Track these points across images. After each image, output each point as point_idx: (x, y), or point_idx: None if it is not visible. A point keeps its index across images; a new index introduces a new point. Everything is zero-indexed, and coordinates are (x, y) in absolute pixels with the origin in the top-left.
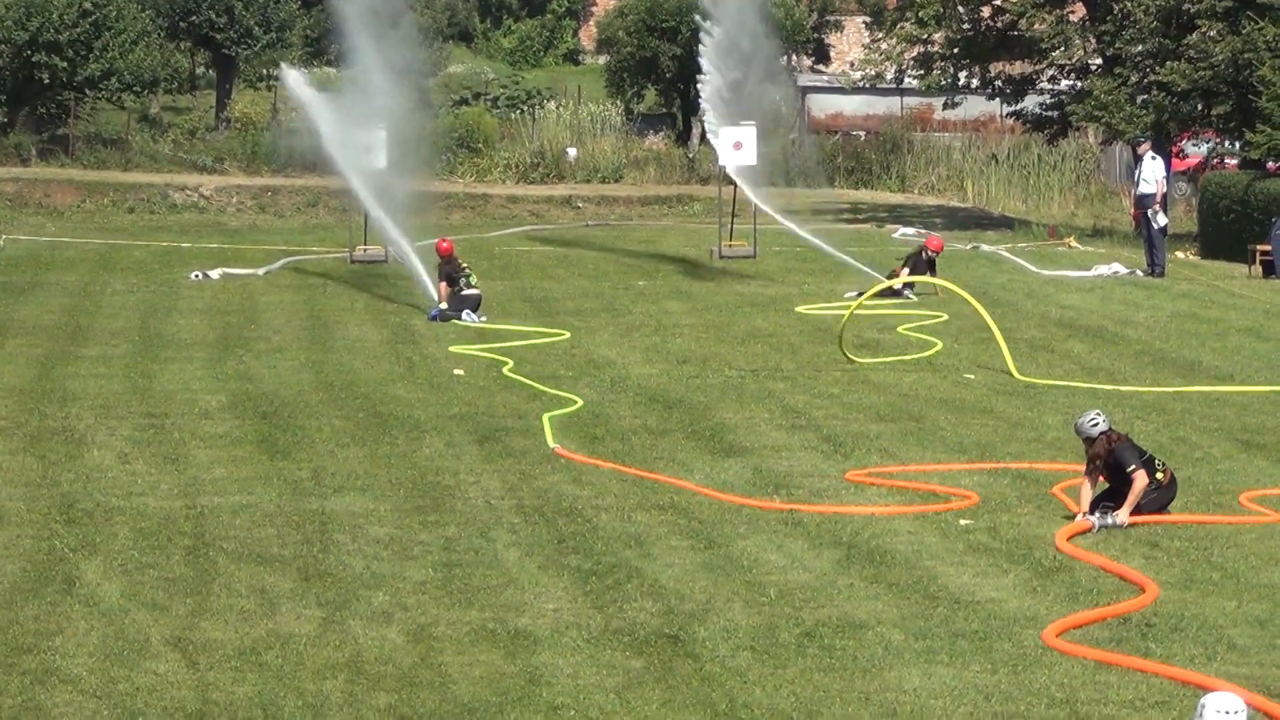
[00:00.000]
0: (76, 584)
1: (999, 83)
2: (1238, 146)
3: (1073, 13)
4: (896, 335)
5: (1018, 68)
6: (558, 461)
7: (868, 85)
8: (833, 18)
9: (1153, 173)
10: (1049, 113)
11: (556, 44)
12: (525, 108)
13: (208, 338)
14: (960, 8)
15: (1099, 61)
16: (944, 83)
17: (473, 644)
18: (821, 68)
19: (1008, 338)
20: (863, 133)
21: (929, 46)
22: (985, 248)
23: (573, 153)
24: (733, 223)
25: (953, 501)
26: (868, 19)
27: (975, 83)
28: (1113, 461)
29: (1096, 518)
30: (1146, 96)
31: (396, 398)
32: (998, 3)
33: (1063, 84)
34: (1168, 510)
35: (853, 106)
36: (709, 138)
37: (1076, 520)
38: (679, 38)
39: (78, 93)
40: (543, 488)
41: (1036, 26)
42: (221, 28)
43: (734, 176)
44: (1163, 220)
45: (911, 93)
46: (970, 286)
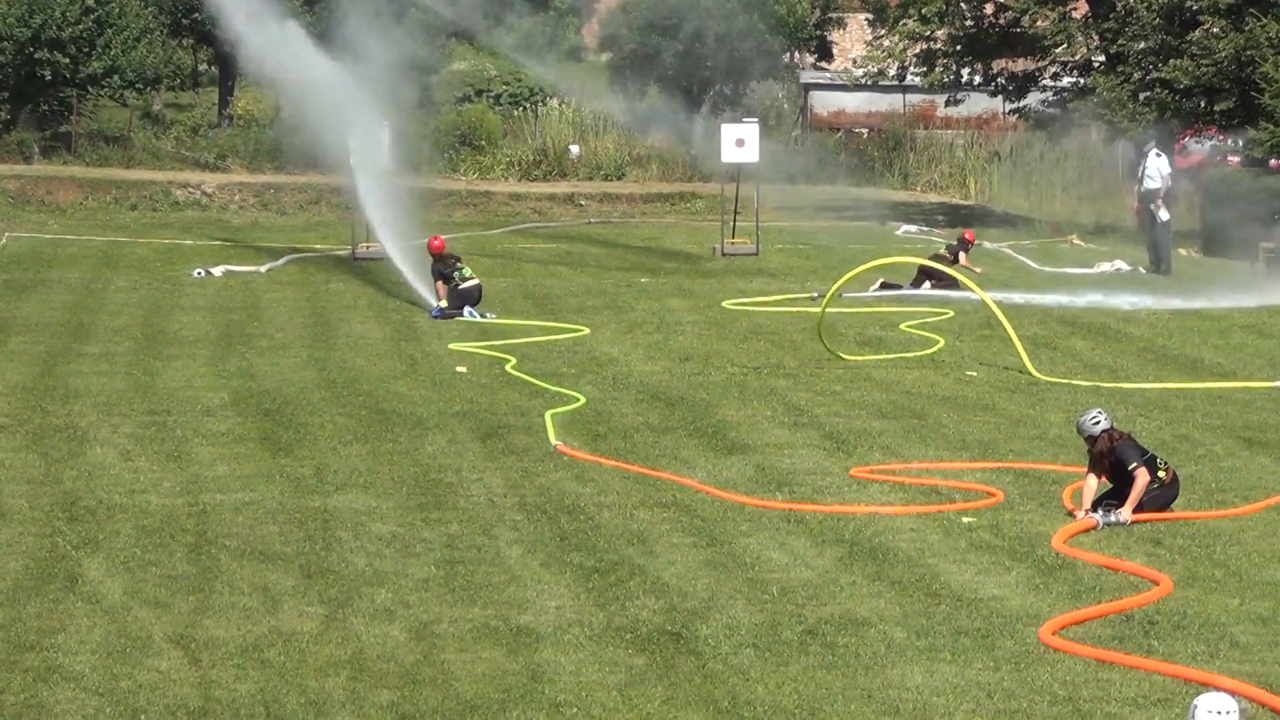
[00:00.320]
0: (79, 581)
1: (1001, 80)
2: (1240, 144)
3: (1075, 10)
4: (899, 332)
5: (1020, 65)
6: (560, 459)
7: (870, 82)
8: (835, 15)
9: (1157, 169)
10: (1051, 110)
11: (559, 41)
12: (528, 105)
13: (210, 335)
14: (963, 5)
15: (1102, 58)
16: (946, 80)
17: (475, 641)
18: (824, 65)
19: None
20: (865, 130)
21: (931, 43)
22: (988, 245)
23: (575, 150)
24: (735, 220)
25: (976, 499)
26: (870, 16)
27: (978, 80)
28: (1114, 460)
29: (1100, 515)
30: (1149, 94)
31: (399, 395)
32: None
33: (1065, 81)
34: (1170, 509)
35: (855, 104)
36: None
37: (1079, 518)
38: (681, 35)
39: (80, 90)
40: (545, 485)
41: (1039, 23)
42: (224, 25)
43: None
44: (1164, 215)
45: (914, 90)
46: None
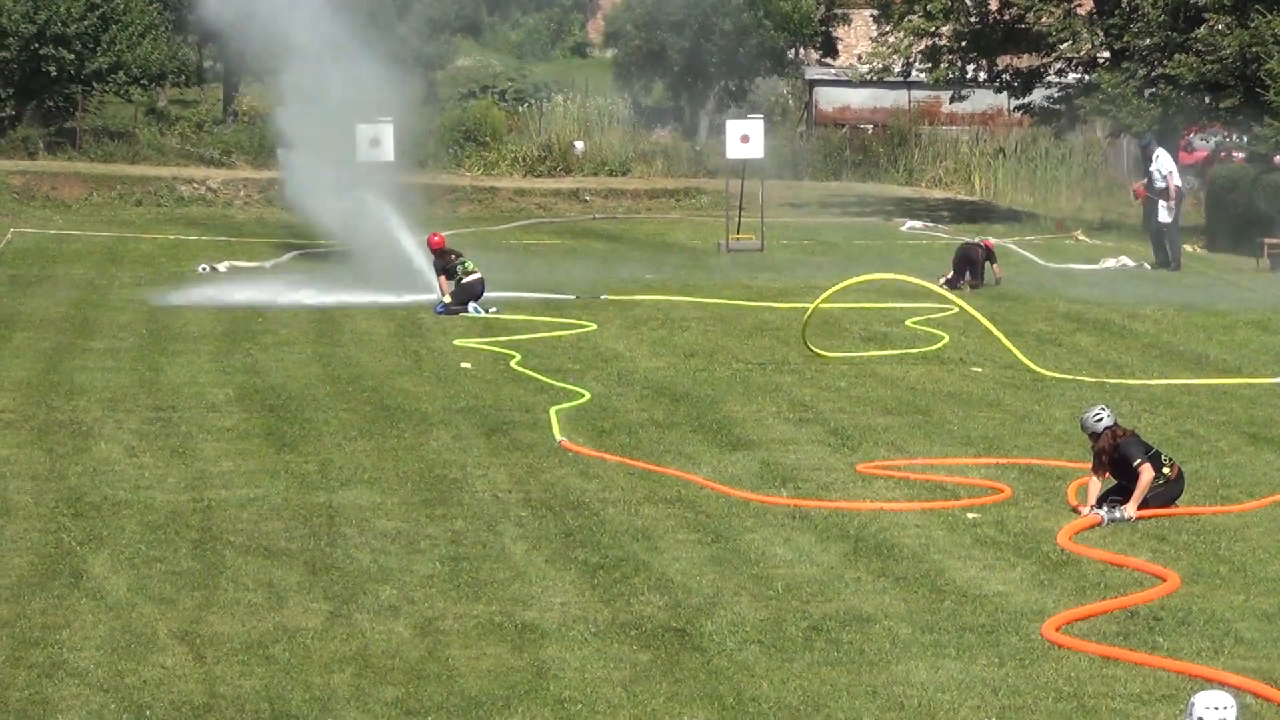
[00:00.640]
0: (84, 577)
1: (1006, 76)
2: (1245, 140)
3: (1080, 6)
4: (904, 329)
5: (1025, 61)
6: (565, 455)
7: (875, 78)
8: (840, 11)
9: (1160, 168)
10: (1056, 106)
11: (564, 37)
12: (533, 101)
13: (215, 331)
14: (968, 1)
15: (1106, 55)
16: (951, 76)
17: (480, 637)
18: (829, 61)
19: (1014, 332)
20: (870, 126)
21: (936, 40)
22: (993, 241)
23: (580, 146)
24: (740, 215)
25: (983, 495)
26: (875, 12)
27: (983, 76)
28: (1118, 457)
29: (1105, 512)
30: (1154, 90)
31: (404, 391)
32: None
33: (1070, 77)
34: (1175, 505)
35: (860, 100)
36: None
37: (1084, 515)
38: (686, 31)
39: (85, 86)
40: (550, 481)
41: (1044, 20)
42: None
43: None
44: (1165, 217)
45: (919, 86)
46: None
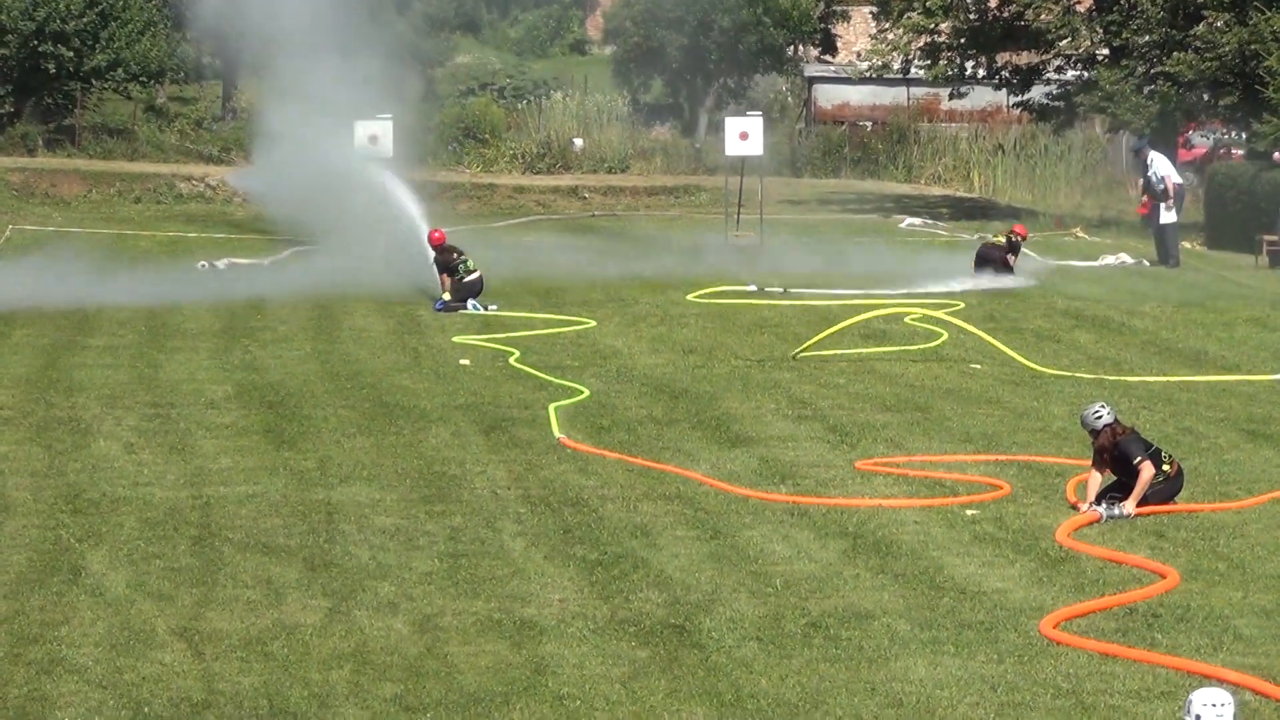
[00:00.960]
0: (82, 574)
1: (1005, 73)
2: (1244, 137)
3: (1079, 3)
4: (903, 326)
5: (1024, 58)
6: (564, 452)
7: (874, 75)
8: (839, 8)
9: (1156, 171)
10: (1055, 103)
11: (563, 34)
12: (531, 98)
13: (214, 328)
14: None
15: (1105, 52)
16: (950, 73)
17: (479, 634)
18: (828, 58)
19: (1014, 328)
20: (869, 123)
21: (936, 36)
22: (991, 238)
23: (579, 143)
24: (739, 212)
25: (982, 492)
26: (874, 9)
27: (982, 73)
28: (1118, 454)
29: (1104, 508)
30: (1153, 87)
31: (402, 388)
32: None
33: (1069, 74)
34: (1174, 502)
35: (859, 97)
36: None
37: (1083, 511)
38: (685, 28)
39: (84, 83)
40: (549, 478)
41: (1043, 17)
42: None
43: None
44: (1172, 216)
45: (918, 83)
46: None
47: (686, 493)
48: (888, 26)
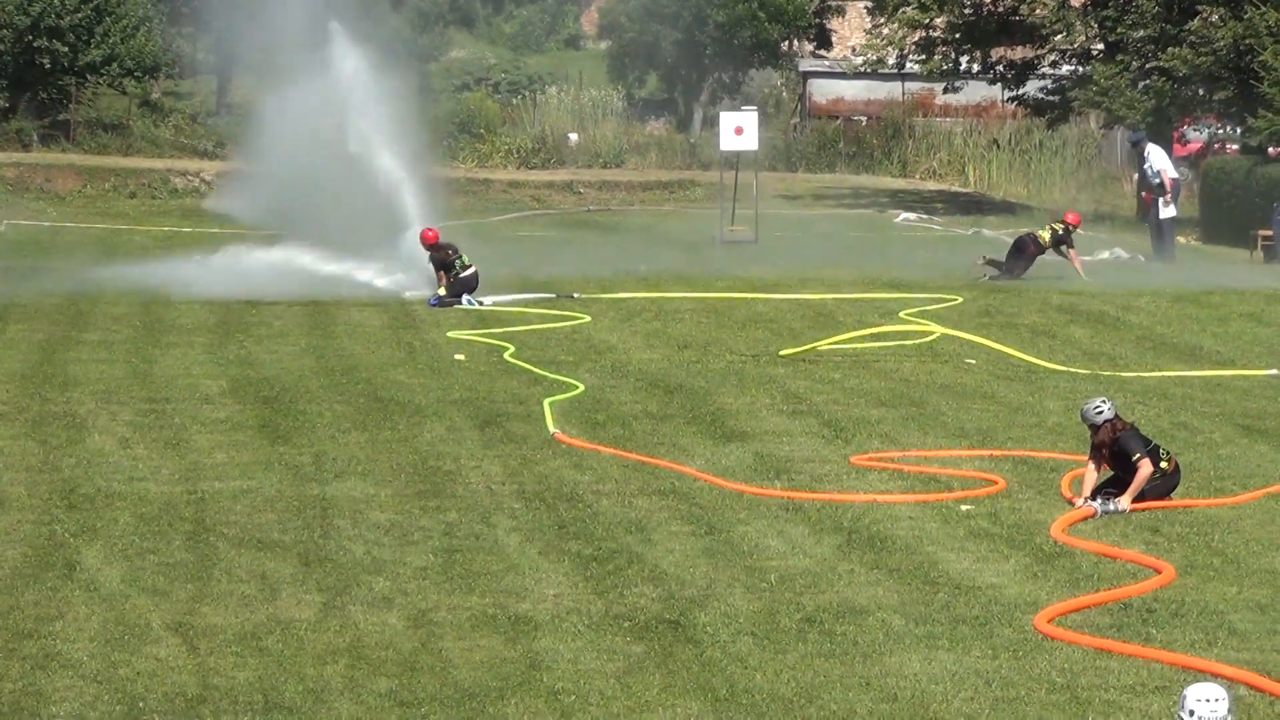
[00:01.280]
0: (77, 569)
1: (1000, 67)
2: (1239, 132)
3: None
4: (897, 321)
5: (1019, 52)
6: (558, 447)
7: (869, 70)
8: (834, 3)
9: (1152, 165)
10: (1050, 98)
11: (558, 29)
12: (526, 93)
13: (208, 323)
14: None
15: (1100, 47)
16: (945, 68)
17: (473, 629)
18: (823, 53)
19: (1009, 323)
20: (864, 118)
21: (930, 31)
22: (987, 233)
23: (574, 138)
24: (734, 207)
25: (977, 487)
26: (869, 4)
27: (976, 68)
28: (1117, 450)
29: (1099, 504)
30: (1148, 82)
31: (397, 383)
32: None
33: (1064, 69)
34: (1169, 498)
35: (854, 92)
36: None
37: (1078, 507)
38: (680, 23)
39: (79, 78)
40: (543, 473)
41: (1038, 11)
42: (222, 13)
43: None
44: (1171, 211)
45: (913, 78)
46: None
47: (681, 488)
48: (882, 21)
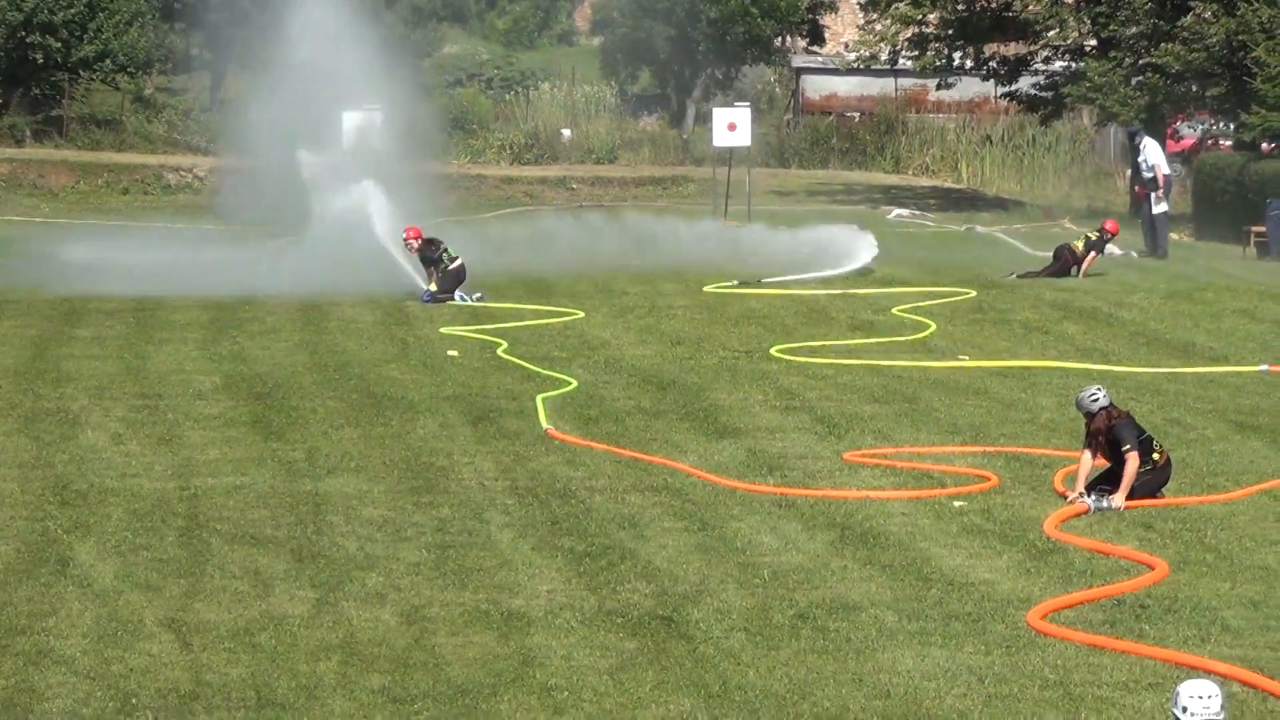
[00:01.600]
0: (70, 565)
1: (993, 64)
2: (1232, 128)
3: None
4: (890, 317)
5: (1012, 49)
6: (551, 443)
7: (862, 66)
8: None
9: (1147, 159)
10: (1043, 94)
11: (551, 25)
12: (520, 89)
13: (201, 319)
14: None
15: (1093, 43)
16: (938, 64)
17: (466, 625)
18: (816, 49)
19: (1002, 319)
20: (857, 114)
21: (923, 27)
22: (980, 229)
23: (567, 134)
24: (727, 203)
25: (970, 484)
26: (862, 0)
27: (969, 64)
28: (1110, 438)
29: (1092, 500)
30: (1141, 78)
31: (390, 379)
32: None
33: (1057, 65)
34: (1161, 493)
35: (847, 88)
36: None
37: (1071, 502)
38: (673, 19)
39: (72, 74)
40: (536, 469)
41: (1031, 8)
42: (216, 8)
43: None
44: (1159, 207)
45: (906, 74)
46: (965, 268)
47: (674, 484)
48: (875, 17)
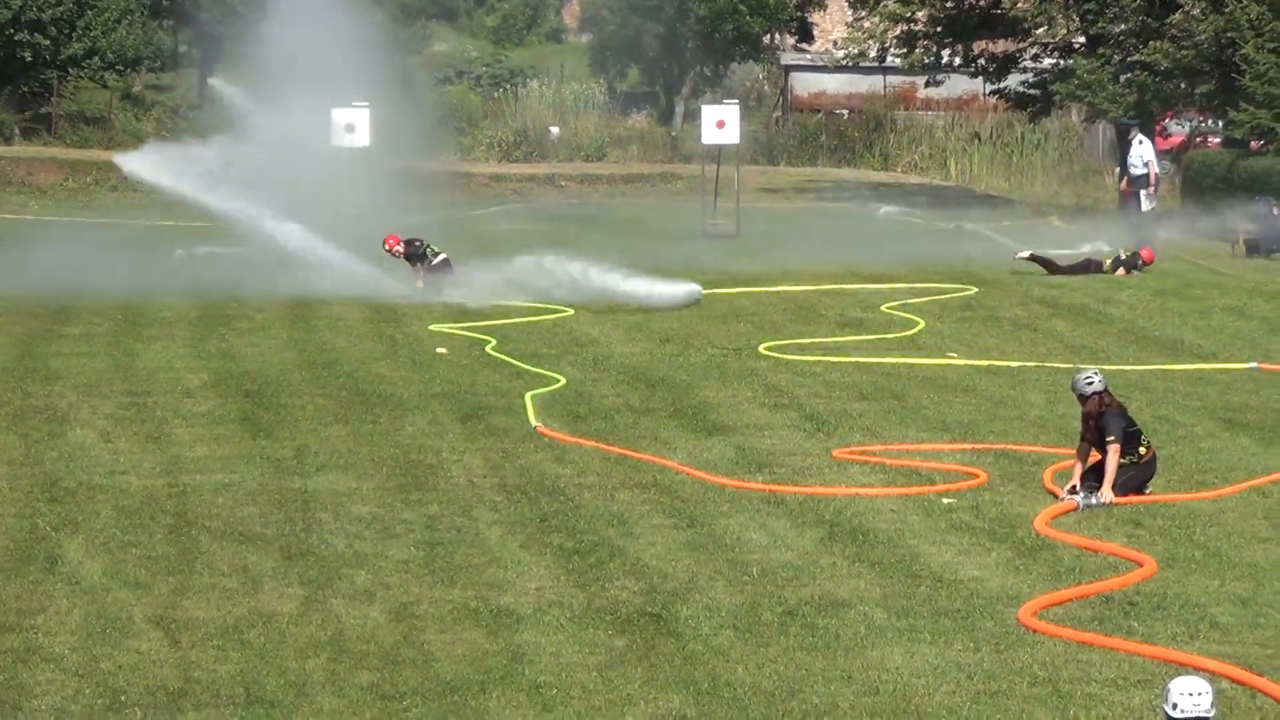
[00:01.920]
0: (59, 562)
1: (982, 61)
2: (1221, 125)
3: None
4: (879, 314)
5: (1000, 46)
6: (540, 440)
7: (851, 64)
8: None
9: (1139, 156)
10: (1032, 91)
11: (540, 22)
12: (508, 86)
13: (190, 316)
14: None
15: (1082, 40)
16: (927, 61)
17: (455, 622)
18: (805, 46)
19: (991, 316)
20: (846, 111)
21: (912, 25)
22: (968, 226)
23: (555, 131)
24: (716, 201)
25: (958, 481)
26: None
27: (958, 61)
28: (1099, 425)
29: (1080, 497)
30: (1130, 75)
31: (379, 376)
32: None
33: (1046, 62)
34: (1146, 489)
35: (836, 85)
36: None
37: (1061, 500)
38: (662, 16)
39: (60, 71)
40: (525, 466)
41: (1019, 5)
42: (205, 6)
43: None
44: (1148, 205)
45: (895, 71)
46: (954, 265)
47: (663, 481)
48: (864, 14)
